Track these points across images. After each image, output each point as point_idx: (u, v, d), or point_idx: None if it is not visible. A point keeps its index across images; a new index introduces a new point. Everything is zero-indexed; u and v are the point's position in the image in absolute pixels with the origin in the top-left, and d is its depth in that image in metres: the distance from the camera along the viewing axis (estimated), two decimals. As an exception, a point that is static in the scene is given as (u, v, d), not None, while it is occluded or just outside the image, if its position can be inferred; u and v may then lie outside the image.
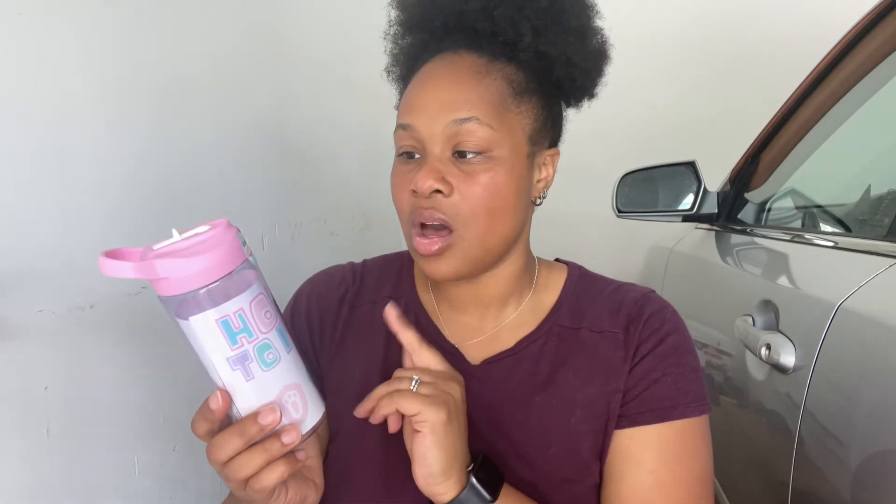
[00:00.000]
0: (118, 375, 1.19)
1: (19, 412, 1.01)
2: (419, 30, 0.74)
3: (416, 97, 0.70)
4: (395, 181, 0.72)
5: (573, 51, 0.72)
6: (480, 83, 0.69)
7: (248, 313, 0.52)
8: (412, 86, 0.72)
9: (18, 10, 1.00)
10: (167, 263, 0.48)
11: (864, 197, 1.25)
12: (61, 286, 1.07)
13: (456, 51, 0.71)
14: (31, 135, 1.03)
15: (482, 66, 0.70)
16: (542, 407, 0.73)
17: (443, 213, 0.68)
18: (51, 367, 1.06)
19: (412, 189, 0.68)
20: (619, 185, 1.56)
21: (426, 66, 0.72)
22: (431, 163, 0.68)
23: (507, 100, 0.70)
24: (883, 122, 1.37)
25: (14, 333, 1.00)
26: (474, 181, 0.68)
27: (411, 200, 0.69)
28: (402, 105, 0.72)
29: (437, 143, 0.68)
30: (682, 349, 0.74)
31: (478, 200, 0.68)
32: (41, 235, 1.04)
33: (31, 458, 1.03)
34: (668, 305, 0.77)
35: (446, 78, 0.70)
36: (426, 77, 0.71)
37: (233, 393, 0.53)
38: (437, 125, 0.68)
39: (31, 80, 1.03)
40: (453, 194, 0.68)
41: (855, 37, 1.09)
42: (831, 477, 0.80)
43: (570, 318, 0.77)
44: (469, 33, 0.71)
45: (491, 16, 0.70)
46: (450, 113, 0.67)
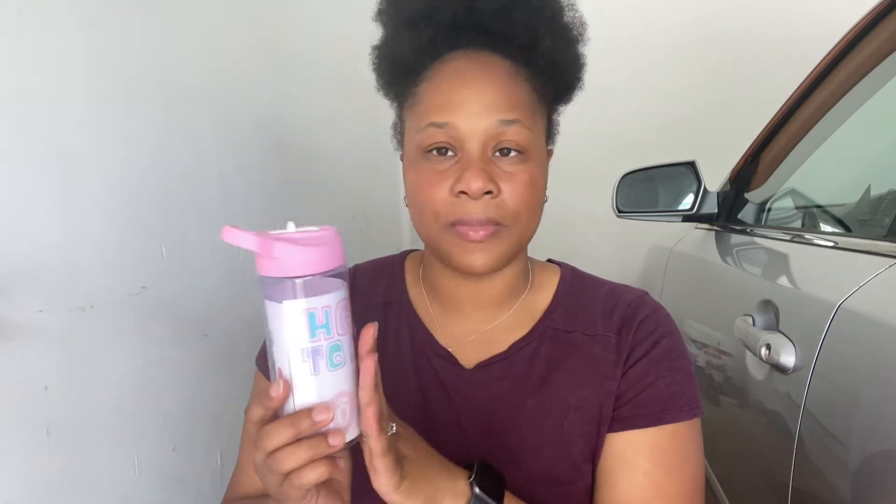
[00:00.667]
0: (118, 375, 1.19)
1: (19, 412, 1.01)
2: (426, 22, 0.71)
3: (452, 94, 0.68)
4: (425, 178, 0.69)
5: (573, 59, 0.75)
6: (515, 85, 0.69)
7: (332, 312, 0.55)
8: (440, 80, 0.70)
9: (19, 10, 1.00)
10: (282, 246, 0.53)
11: (864, 197, 1.25)
12: (61, 286, 1.07)
13: (476, 50, 0.70)
14: (31, 135, 1.03)
15: (511, 68, 0.70)
16: (535, 410, 0.73)
17: (491, 214, 0.68)
18: (51, 367, 1.06)
19: (459, 190, 0.67)
20: (619, 185, 1.56)
21: (449, 63, 0.70)
22: (479, 163, 0.67)
23: (534, 103, 0.71)
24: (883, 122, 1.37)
25: (14, 333, 1.00)
26: (518, 180, 0.68)
27: (451, 200, 0.68)
28: (430, 102, 0.69)
29: (476, 142, 0.67)
30: (676, 353, 0.74)
31: (522, 199, 0.68)
32: (41, 235, 1.04)
33: (31, 458, 1.03)
34: (662, 308, 0.78)
35: (484, 78, 0.68)
36: (459, 75, 0.69)
37: (295, 385, 0.55)
38: (480, 125, 0.67)
39: (31, 81, 1.03)
40: (500, 195, 0.68)
41: (855, 37, 1.09)
42: (831, 477, 0.80)
43: (564, 320, 0.77)
44: (483, 33, 0.70)
45: (508, 19, 0.69)
46: (496, 114, 0.67)
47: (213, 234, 1.64)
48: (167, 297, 1.31)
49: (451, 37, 0.70)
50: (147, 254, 1.26)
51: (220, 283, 1.47)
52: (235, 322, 1.51)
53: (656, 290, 1.76)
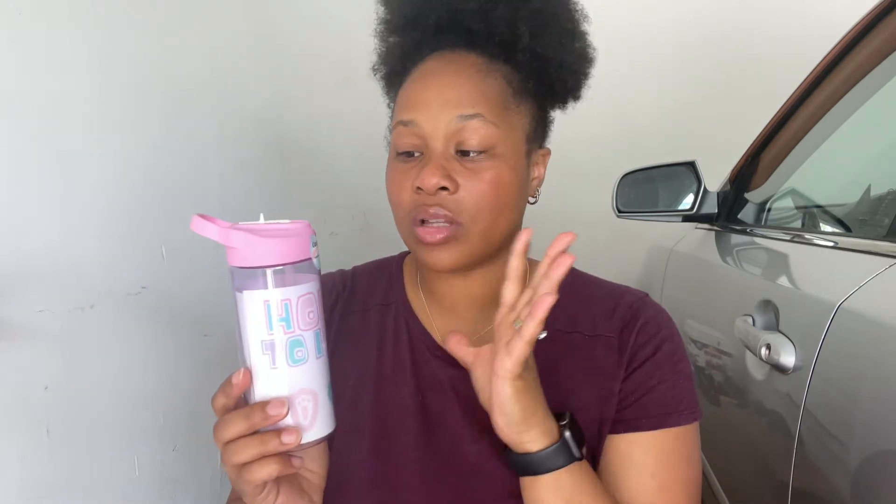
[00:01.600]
0: (118, 375, 1.19)
1: (19, 412, 1.01)
2: (412, 28, 0.74)
3: (417, 93, 0.70)
4: (394, 178, 0.71)
5: (565, 53, 0.74)
6: (483, 81, 0.69)
7: (292, 306, 0.55)
8: (411, 83, 0.72)
9: (19, 9, 1.00)
10: (240, 236, 0.54)
11: (864, 197, 1.25)
12: (61, 286, 1.07)
13: (453, 49, 0.72)
14: (31, 135, 1.03)
15: (482, 64, 0.70)
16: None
17: (448, 209, 0.68)
18: (51, 367, 1.06)
19: (416, 186, 0.68)
20: (619, 185, 1.56)
21: (425, 64, 0.72)
22: (436, 160, 0.68)
23: (507, 98, 0.71)
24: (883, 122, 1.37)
25: (14, 333, 1.00)
26: (479, 178, 0.68)
27: (413, 198, 0.69)
28: (400, 102, 0.72)
29: (439, 139, 0.68)
30: (677, 356, 0.75)
31: (483, 196, 0.68)
32: (41, 235, 1.04)
33: (31, 458, 1.03)
34: (663, 311, 0.78)
35: (448, 75, 0.70)
36: (427, 74, 0.71)
37: (255, 376, 0.56)
38: (440, 121, 0.68)
39: (31, 80, 1.03)
40: (458, 191, 0.68)
41: (855, 37, 1.09)
42: (831, 477, 0.80)
43: (564, 321, 0.76)
44: (464, 33, 0.71)
45: (487, 16, 0.70)
46: (454, 109, 0.68)
47: (213, 234, 1.62)
48: (167, 297, 1.31)
49: (434, 40, 0.72)
50: (147, 254, 1.26)
51: (220, 283, 1.47)
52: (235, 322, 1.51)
53: (656, 290, 1.76)
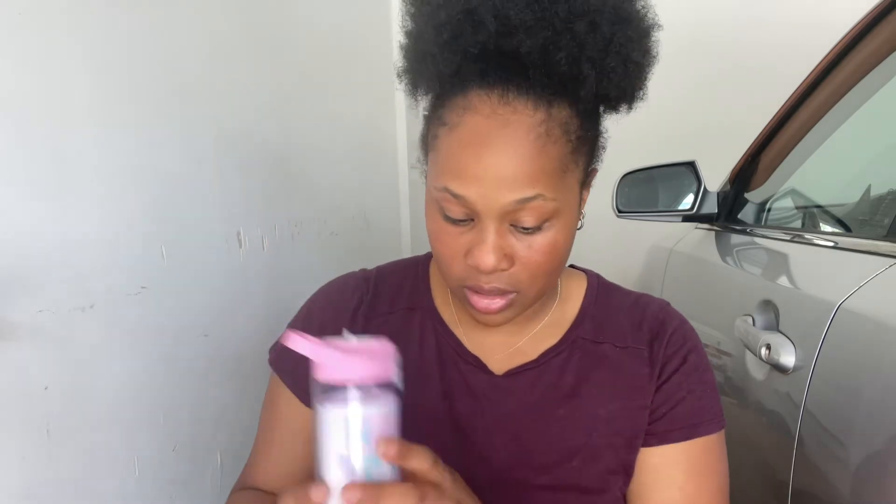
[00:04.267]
0: (118, 375, 1.19)
1: (19, 412, 1.01)
2: (449, 51, 0.61)
3: (468, 165, 0.60)
4: (443, 240, 0.65)
5: (633, 83, 0.66)
6: (543, 151, 0.60)
7: (372, 424, 0.55)
8: (458, 140, 0.61)
9: (19, 9, 1.00)
10: (330, 353, 0.55)
11: (864, 197, 1.25)
12: (61, 286, 1.07)
13: (504, 89, 0.60)
14: (30, 135, 1.03)
15: (541, 123, 0.60)
16: (564, 420, 0.73)
17: (504, 285, 0.65)
18: (51, 367, 1.06)
19: (470, 264, 0.63)
20: (619, 185, 1.56)
21: (474, 115, 0.61)
22: (493, 239, 0.62)
23: (566, 160, 0.63)
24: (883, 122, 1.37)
25: (14, 333, 1.00)
26: (536, 251, 0.64)
27: (465, 267, 0.65)
28: (445, 159, 0.62)
29: (494, 217, 0.62)
30: (702, 366, 0.75)
31: (540, 267, 0.65)
32: (41, 235, 1.04)
33: (31, 458, 1.03)
34: (686, 320, 0.78)
35: (503, 145, 0.60)
36: (477, 138, 0.60)
37: (331, 491, 0.55)
38: (496, 202, 0.60)
39: (31, 81, 1.03)
40: (515, 265, 0.64)
41: (855, 37, 1.09)
42: (831, 477, 0.80)
43: (593, 331, 0.77)
44: (514, 65, 0.60)
45: (548, 54, 0.59)
46: (513, 191, 0.60)
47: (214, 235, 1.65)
48: (167, 297, 1.31)
49: (477, 68, 0.61)
50: (147, 254, 1.26)
51: (220, 283, 1.47)
52: (235, 322, 1.51)
53: (656, 290, 1.76)
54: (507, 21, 0.58)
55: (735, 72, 2.78)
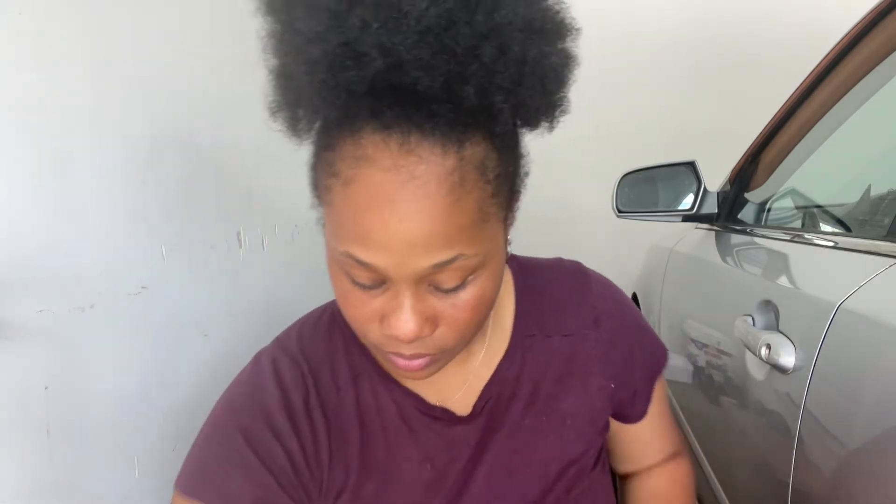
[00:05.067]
0: (118, 376, 1.19)
1: (19, 412, 1.01)
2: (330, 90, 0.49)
3: (372, 231, 0.50)
4: (355, 306, 0.56)
5: (554, 101, 0.56)
6: (457, 205, 0.50)
7: None
8: (357, 199, 0.50)
9: (19, 10, 1.00)
10: None
11: (864, 197, 1.25)
12: (61, 286, 1.07)
13: (405, 139, 0.49)
14: (31, 135, 1.03)
15: (454, 171, 0.50)
16: (533, 429, 0.72)
17: (428, 350, 0.57)
18: (51, 367, 1.06)
19: (388, 333, 0.55)
20: (619, 185, 1.56)
21: (372, 175, 0.49)
22: (411, 304, 0.54)
23: (486, 207, 0.53)
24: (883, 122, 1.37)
25: (14, 333, 1.00)
26: (462, 308, 0.56)
27: (380, 332, 0.57)
28: (347, 226, 0.52)
29: (409, 283, 0.53)
30: (638, 319, 0.80)
31: (467, 325, 0.57)
32: (41, 236, 1.04)
33: (31, 458, 1.03)
34: (607, 281, 0.80)
35: (411, 204, 0.49)
36: (378, 198, 0.49)
37: None
38: (409, 269, 0.52)
39: (31, 80, 1.02)
40: (439, 327, 0.56)
41: (855, 37, 1.09)
42: (831, 477, 0.80)
43: (536, 325, 0.73)
44: (412, 99, 0.48)
45: (455, 93, 0.48)
46: (428, 256, 0.51)
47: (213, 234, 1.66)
48: (167, 297, 1.31)
49: (368, 105, 0.49)
50: (147, 254, 1.26)
51: (220, 283, 1.47)
52: (235, 322, 1.51)
53: (656, 290, 1.76)
54: (397, 57, 0.46)
55: (735, 72, 2.78)
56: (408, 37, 0.46)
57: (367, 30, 0.46)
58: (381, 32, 0.46)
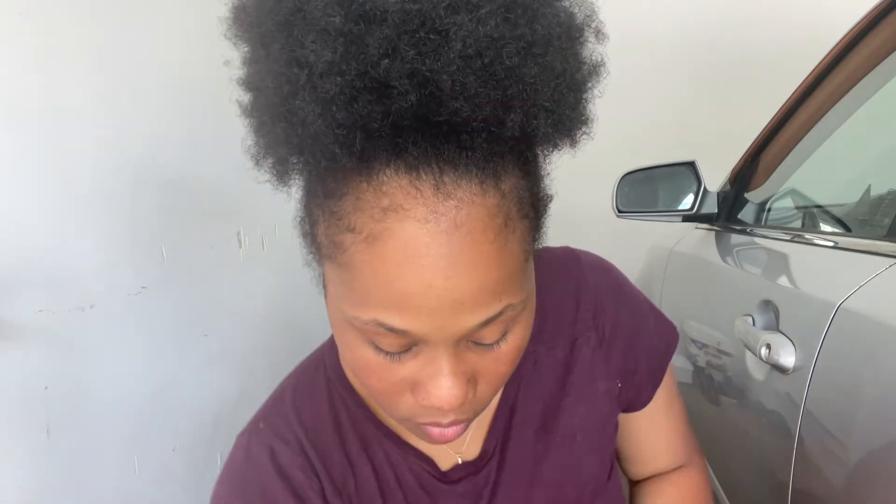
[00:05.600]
0: (118, 375, 1.19)
1: (19, 412, 1.01)
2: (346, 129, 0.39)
3: (411, 293, 0.42)
4: (380, 377, 0.48)
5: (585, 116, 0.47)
6: (504, 250, 0.44)
7: None
8: (387, 262, 0.42)
9: (19, 10, 1.00)
10: None
11: (864, 197, 1.25)
12: (61, 286, 1.07)
13: (439, 181, 0.41)
14: (31, 135, 1.03)
15: (497, 211, 0.43)
16: (545, 452, 0.67)
17: (468, 413, 0.51)
18: (51, 367, 1.06)
19: (426, 405, 0.48)
20: (619, 185, 1.56)
21: (405, 228, 0.41)
22: (452, 368, 0.46)
23: (526, 244, 0.47)
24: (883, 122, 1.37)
25: (14, 333, 1.00)
26: (504, 362, 0.50)
27: (412, 403, 0.49)
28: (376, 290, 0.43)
29: (446, 344, 0.46)
30: (639, 300, 0.73)
31: (504, 378, 0.52)
32: (41, 236, 1.04)
33: (31, 458, 1.03)
34: (600, 260, 0.73)
35: (458, 258, 0.42)
36: (419, 253, 0.41)
37: None
38: (453, 330, 0.44)
39: (31, 81, 1.03)
40: (479, 385, 0.50)
41: (855, 37, 1.09)
42: (831, 477, 0.80)
43: (537, 335, 0.64)
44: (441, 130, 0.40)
45: (497, 121, 0.41)
46: (475, 314, 0.44)
47: (213, 234, 1.65)
48: (167, 297, 1.31)
49: (389, 144, 0.40)
50: (147, 254, 1.26)
51: (220, 283, 1.47)
52: (235, 322, 1.51)
53: (656, 290, 1.76)
54: (437, 87, 0.38)
55: (735, 72, 2.78)
56: (450, 63, 0.38)
57: (395, 56, 0.38)
58: (416, 59, 0.37)
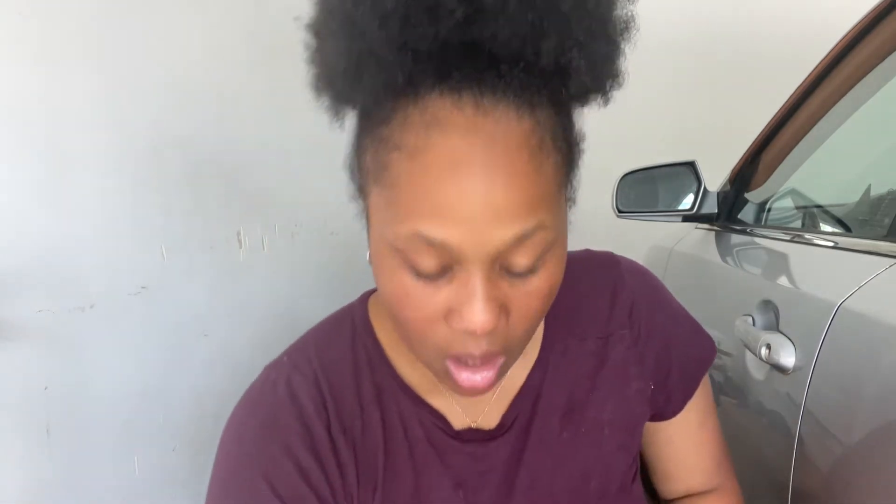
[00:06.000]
0: (118, 375, 1.19)
1: (19, 412, 1.01)
2: (400, 49, 0.44)
3: (448, 199, 0.45)
4: (415, 306, 0.50)
5: (614, 70, 0.52)
6: (540, 169, 0.47)
7: None
8: (428, 171, 0.45)
9: (19, 10, 1.00)
10: None
11: (864, 197, 1.25)
12: (61, 286, 1.07)
13: (478, 102, 0.45)
14: (31, 135, 1.03)
15: (532, 134, 0.46)
16: (571, 441, 0.66)
17: (499, 347, 0.51)
18: (51, 367, 1.06)
19: (459, 327, 0.49)
20: (619, 185, 1.56)
21: (446, 140, 0.45)
22: (485, 290, 0.47)
23: (561, 176, 0.50)
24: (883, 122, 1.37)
25: (14, 333, 1.00)
26: (535, 296, 0.51)
27: (445, 331, 0.51)
28: (416, 200, 0.46)
29: (484, 261, 0.47)
30: (676, 308, 0.74)
31: (537, 313, 0.53)
32: (41, 236, 1.04)
33: (31, 458, 1.03)
34: (640, 267, 0.75)
35: (493, 167, 0.45)
36: (455, 163, 0.45)
37: None
38: (489, 242, 0.46)
39: (31, 81, 1.03)
40: (510, 317, 0.51)
41: (855, 37, 1.09)
42: (831, 477, 0.80)
43: (569, 328, 0.68)
44: (480, 59, 0.45)
45: (532, 49, 0.45)
46: (511, 226, 0.46)
47: (213, 234, 1.66)
48: (167, 297, 1.31)
49: (434, 68, 0.45)
50: (147, 254, 1.26)
51: (220, 283, 1.47)
52: (235, 322, 1.51)
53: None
54: (479, 5, 0.42)
55: (735, 71, 2.78)
56: None
57: None
58: None
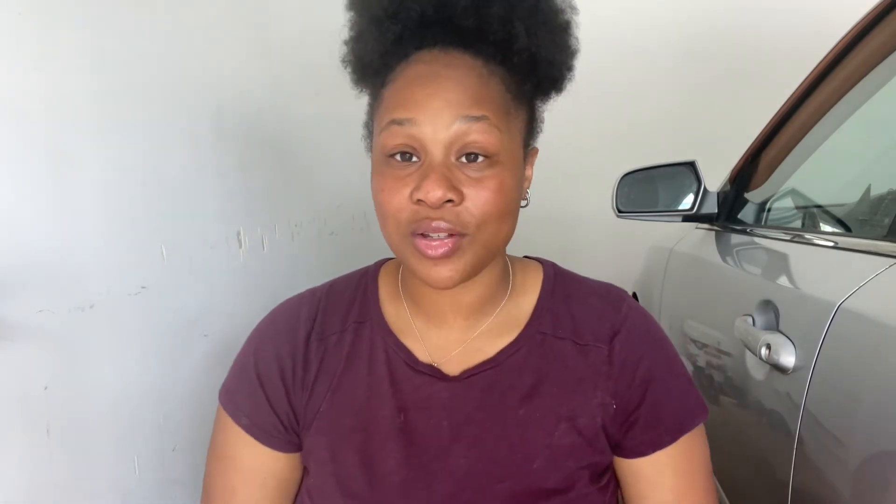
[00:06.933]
0: (118, 375, 1.19)
1: (19, 412, 1.01)
2: (391, 22, 0.66)
3: (414, 92, 0.64)
4: (386, 185, 0.65)
5: (558, 50, 0.70)
6: (486, 84, 0.65)
7: None
8: (403, 81, 0.66)
9: (18, 10, 1.00)
10: None
11: (864, 197, 1.25)
12: (61, 286, 1.07)
13: (445, 49, 0.66)
14: (30, 134, 1.03)
15: (481, 67, 0.66)
16: (524, 420, 0.71)
17: (452, 222, 0.63)
18: (51, 367, 1.06)
19: (417, 198, 0.63)
20: (619, 186, 1.56)
21: (417, 64, 0.66)
22: (439, 169, 0.63)
23: (507, 103, 0.67)
24: (883, 122, 1.37)
25: (14, 333, 1.00)
26: (484, 187, 0.64)
27: (411, 209, 0.64)
28: (391, 101, 0.66)
29: (440, 144, 0.63)
30: (673, 359, 0.75)
31: (487, 205, 0.64)
32: (41, 235, 1.04)
33: (31, 458, 1.03)
34: (648, 314, 0.78)
35: (449, 76, 0.64)
36: (423, 72, 0.65)
37: None
38: (442, 122, 0.63)
39: (31, 81, 1.03)
40: (463, 202, 0.64)
41: (855, 37, 1.09)
42: (831, 477, 0.80)
43: (552, 324, 0.75)
44: (453, 31, 0.66)
45: (481, 14, 0.64)
46: (459, 109, 0.63)
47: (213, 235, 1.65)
48: (167, 297, 1.31)
49: (418, 35, 0.66)
50: (147, 254, 1.26)
51: (220, 283, 1.47)
52: (235, 322, 1.51)
53: (656, 290, 1.76)
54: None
55: (735, 72, 2.78)
56: None
57: None
58: None
